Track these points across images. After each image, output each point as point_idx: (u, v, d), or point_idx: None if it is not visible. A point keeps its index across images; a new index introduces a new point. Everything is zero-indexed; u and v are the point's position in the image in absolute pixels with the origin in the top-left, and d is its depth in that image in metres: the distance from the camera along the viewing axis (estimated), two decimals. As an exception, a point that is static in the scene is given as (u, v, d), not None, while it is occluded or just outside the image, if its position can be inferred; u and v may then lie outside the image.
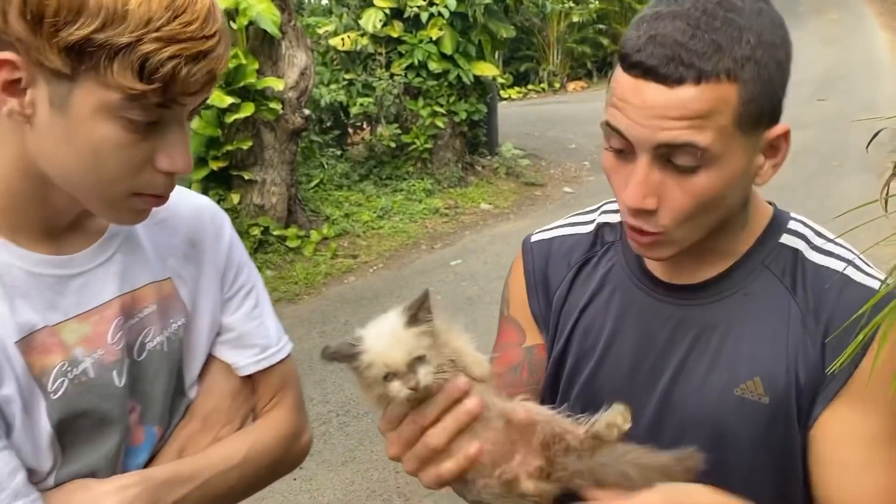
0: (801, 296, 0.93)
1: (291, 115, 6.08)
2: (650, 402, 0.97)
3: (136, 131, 0.77)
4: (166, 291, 0.95)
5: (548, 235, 1.11)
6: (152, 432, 0.93)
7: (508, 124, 9.52)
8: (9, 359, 0.80)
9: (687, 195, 0.85)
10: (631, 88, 0.83)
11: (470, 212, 7.44)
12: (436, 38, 7.54)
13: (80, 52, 0.72)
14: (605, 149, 0.91)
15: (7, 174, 0.82)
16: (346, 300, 5.45)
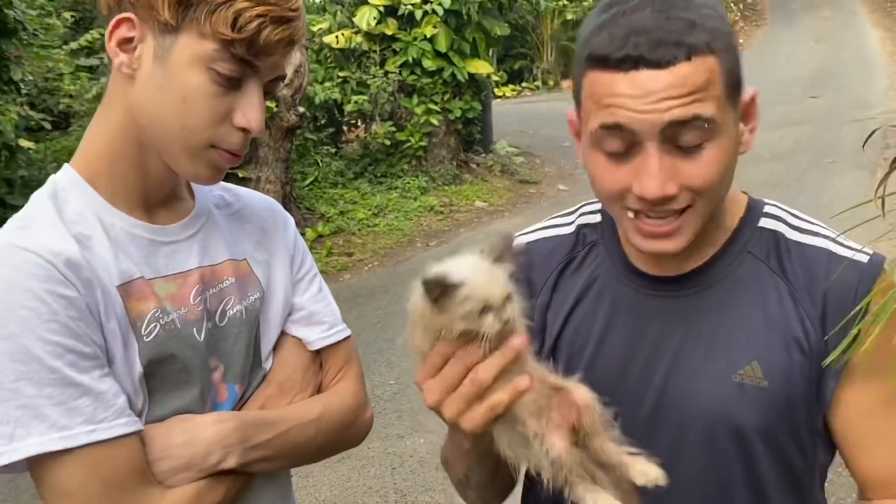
0: (791, 274, 0.94)
1: (286, 112, 6.09)
2: (646, 397, 0.97)
3: (222, 84, 0.90)
4: (243, 270, 1.07)
5: (528, 238, 1.11)
6: (234, 390, 1.03)
7: (503, 122, 9.55)
8: (112, 299, 0.91)
9: (702, 168, 0.86)
10: (625, 83, 0.84)
11: (465, 209, 7.46)
12: (430, 35, 7.56)
13: (187, 5, 0.88)
14: (597, 157, 0.91)
15: (111, 137, 0.95)
16: (341, 298, 5.44)
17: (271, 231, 1.13)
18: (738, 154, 0.92)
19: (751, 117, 0.93)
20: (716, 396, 0.93)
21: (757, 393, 0.92)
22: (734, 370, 0.93)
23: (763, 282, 0.95)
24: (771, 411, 0.92)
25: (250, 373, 1.05)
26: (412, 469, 3.51)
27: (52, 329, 0.83)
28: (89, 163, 0.96)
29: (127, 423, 0.88)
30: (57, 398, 0.84)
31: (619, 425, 0.94)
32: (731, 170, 0.91)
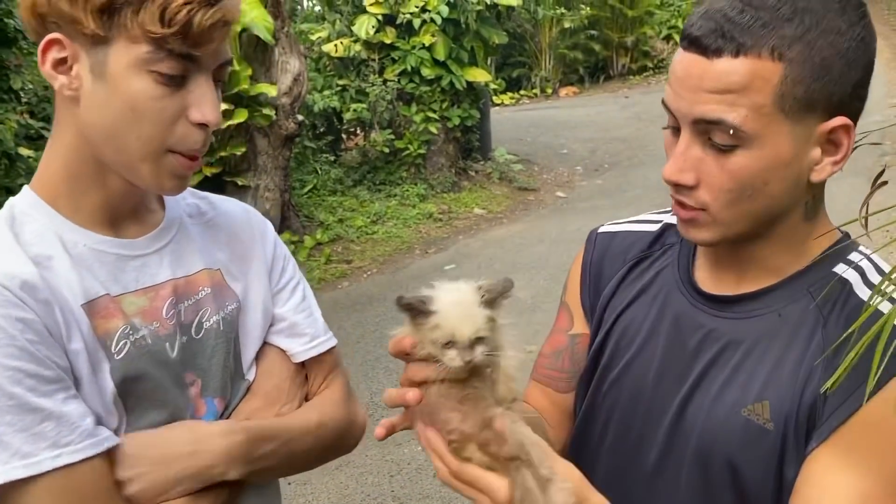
0: (832, 327, 0.88)
1: (285, 120, 6.10)
2: (670, 409, 0.97)
3: (167, 84, 0.87)
4: (217, 279, 1.04)
5: (614, 229, 1.12)
6: (213, 404, 1.01)
7: (501, 130, 9.57)
8: (76, 318, 0.89)
9: (724, 173, 0.84)
10: (678, 61, 0.86)
11: (463, 216, 7.47)
12: (428, 44, 7.58)
13: (111, 12, 0.84)
14: (663, 128, 0.92)
15: (67, 158, 0.93)
16: (340, 305, 5.46)
17: (247, 239, 1.10)
18: (791, 177, 0.85)
19: (838, 148, 0.86)
20: (721, 425, 0.91)
21: (760, 433, 0.89)
22: (744, 404, 0.90)
23: (809, 329, 0.90)
24: (768, 454, 0.89)
25: (231, 386, 1.02)
26: (410, 477, 3.51)
27: (9, 354, 0.81)
28: (48, 185, 0.94)
29: (94, 443, 0.85)
30: (18, 425, 0.81)
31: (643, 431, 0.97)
32: (770, 188, 0.85)
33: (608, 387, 1.04)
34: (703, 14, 0.83)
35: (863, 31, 0.84)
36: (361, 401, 4.85)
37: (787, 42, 0.80)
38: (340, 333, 4.96)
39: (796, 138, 0.84)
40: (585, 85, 13.36)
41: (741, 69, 0.80)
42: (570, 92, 13.21)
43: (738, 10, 0.81)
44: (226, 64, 0.93)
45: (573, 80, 13.44)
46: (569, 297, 1.14)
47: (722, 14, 0.82)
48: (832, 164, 0.87)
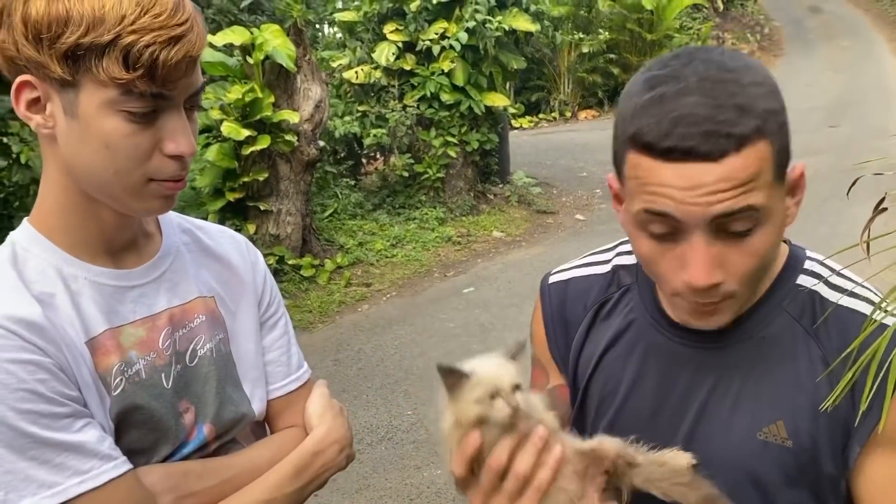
0: (825, 338, 0.92)
1: (306, 146, 6.20)
2: (673, 446, 0.96)
3: (138, 121, 0.88)
4: (211, 307, 1.06)
5: (564, 277, 1.12)
6: (202, 431, 1.02)
7: (520, 153, 9.61)
8: (81, 355, 0.91)
9: (749, 257, 0.85)
10: (673, 174, 0.82)
11: (482, 240, 7.49)
12: (447, 70, 7.67)
13: (75, 58, 0.85)
14: (641, 237, 0.90)
15: (57, 194, 0.94)
16: (359, 328, 5.49)
17: (240, 269, 1.12)
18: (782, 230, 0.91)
19: (798, 191, 0.91)
20: (739, 451, 0.93)
21: (780, 452, 0.91)
22: (759, 427, 0.92)
23: (795, 342, 0.93)
24: (794, 470, 0.91)
25: (221, 413, 1.03)
26: (429, 500, 3.50)
27: (22, 398, 0.84)
28: (44, 218, 0.95)
29: (115, 465, 0.89)
30: (40, 458, 0.85)
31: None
32: (777, 249, 0.91)
33: (603, 432, 1.04)
34: (676, 120, 0.81)
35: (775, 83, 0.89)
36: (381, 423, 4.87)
37: (763, 118, 0.82)
38: (360, 356, 4.99)
39: (783, 197, 0.88)
40: (605, 108, 13.39)
41: (749, 160, 0.81)
42: (590, 115, 13.25)
43: (713, 107, 0.81)
44: (198, 92, 0.93)
45: (592, 104, 13.48)
46: (538, 351, 1.14)
47: (701, 116, 0.81)
48: (796, 206, 0.92)
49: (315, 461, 1.06)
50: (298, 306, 5.79)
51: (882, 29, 15.62)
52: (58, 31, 0.84)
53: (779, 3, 18.47)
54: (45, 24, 0.84)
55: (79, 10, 0.84)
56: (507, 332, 5.11)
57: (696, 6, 14.73)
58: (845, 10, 17.50)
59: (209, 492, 0.98)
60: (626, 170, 0.88)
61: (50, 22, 0.84)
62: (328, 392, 1.15)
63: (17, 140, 4.73)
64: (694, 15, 15.11)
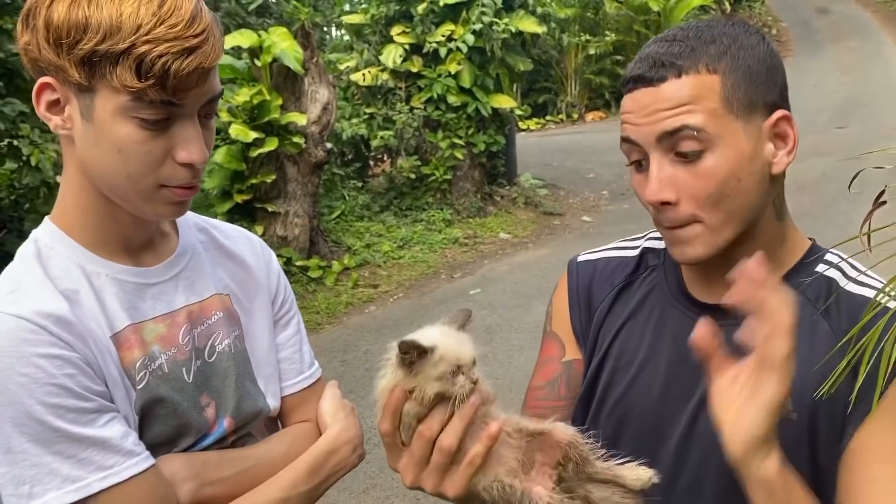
0: (835, 319, 0.95)
1: (314, 148, 6.23)
2: (681, 420, 0.99)
3: (151, 128, 0.89)
4: (227, 304, 1.08)
5: (594, 257, 1.17)
6: (222, 424, 1.04)
7: (527, 155, 9.62)
8: (108, 350, 0.94)
9: (700, 179, 0.92)
10: (628, 100, 0.96)
11: (489, 241, 7.51)
12: (454, 72, 7.70)
13: (91, 64, 0.86)
14: (631, 172, 0.99)
15: (76, 194, 0.97)
16: (366, 329, 5.51)
17: (254, 268, 1.14)
18: (757, 172, 0.94)
19: (786, 139, 0.97)
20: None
21: (784, 424, 0.91)
22: None
23: (810, 323, 0.96)
24: (795, 444, 0.92)
25: (240, 407, 1.05)
26: (435, 500, 3.51)
27: (50, 392, 0.86)
28: (64, 216, 0.97)
29: (138, 462, 0.90)
30: (66, 453, 0.87)
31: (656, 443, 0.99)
32: (743, 184, 0.93)
33: (612, 407, 1.06)
34: (638, 59, 0.96)
35: (769, 47, 0.99)
36: (388, 424, 4.77)
37: (715, 58, 0.93)
38: (367, 357, 5.00)
39: (750, 135, 0.94)
40: (612, 109, 13.40)
41: (687, 84, 0.92)
42: (597, 117, 13.26)
43: (668, 46, 0.95)
44: (213, 99, 0.94)
45: (599, 105, 13.50)
46: (556, 326, 1.16)
47: (654, 52, 0.95)
48: (786, 155, 0.97)
49: (329, 460, 1.08)
50: (306, 307, 5.81)
51: (890, 30, 15.56)
52: (76, 37, 0.86)
53: (787, 4, 18.42)
54: (64, 30, 0.86)
55: (97, 17, 0.85)
56: (513, 334, 5.12)
57: (703, 7, 14.70)
58: (854, 11, 17.44)
59: (228, 481, 1.00)
60: None
61: (70, 27, 0.86)
62: (340, 392, 1.17)
63: (27, 142, 4.77)
64: (701, 16, 15.08)
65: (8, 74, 4.72)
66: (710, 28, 0.97)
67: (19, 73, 4.75)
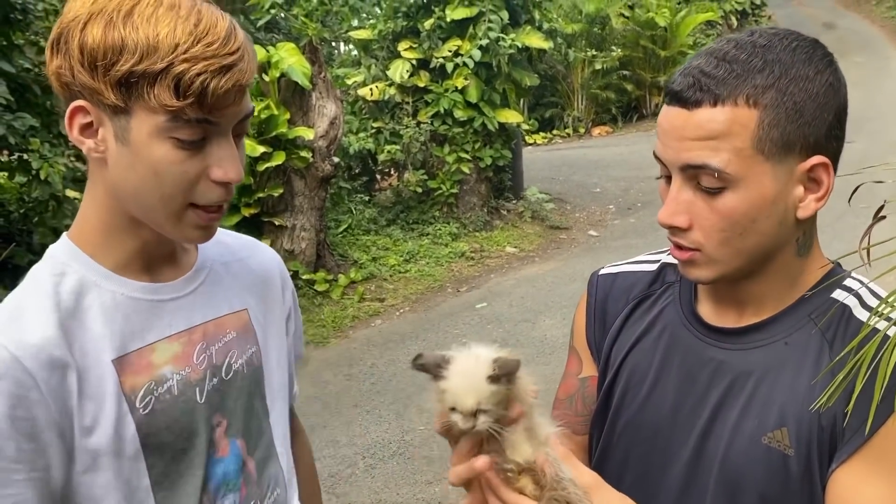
0: (838, 349, 0.92)
1: (321, 162, 6.26)
2: (689, 443, 0.99)
3: (187, 148, 0.89)
4: (244, 320, 1.07)
5: (614, 270, 1.16)
6: (236, 445, 1.04)
7: (534, 169, 9.64)
8: (101, 376, 0.91)
9: (715, 214, 0.90)
10: (663, 115, 0.92)
11: (495, 255, 7.51)
12: (461, 87, 7.73)
13: (128, 85, 0.86)
14: (656, 178, 0.98)
15: (101, 213, 0.96)
16: (373, 343, 5.51)
17: (271, 286, 1.14)
18: (778, 215, 0.91)
19: (819, 185, 0.92)
20: (743, 455, 0.94)
21: (781, 460, 0.92)
22: (764, 432, 0.93)
23: (816, 353, 0.94)
24: (790, 479, 0.91)
25: (248, 426, 1.05)
26: (441, 515, 3.50)
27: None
28: (85, 235, 0.97)
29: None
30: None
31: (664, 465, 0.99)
32: (759, 226, 0.90)
33: (624, 426, 1.06)
34: (682, 71, 0.91)
35: (831, 77, 0.91)
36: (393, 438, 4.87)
37: (759, 90, 0.87)
38: (373, 371, 5.00)
39: (778, 178, 0.90)
40: (618, 124, 13.41)
41: (720, 117, 0.87)
42: (603, 131, 13.27)
43: (714, 65, 0.89)
44: (246, 117, 0.94)
45: (606, 120, 13.51)
46: (576, 341, 1.16)
47: (699, 69, 0.89)
48: (815, 201, 0.93)
49: None
50: (312, 321, 5.81)
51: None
52: (113, 59, 0.85)
53: (793, 20, 18.44)
54: (100, 52, 0.85)
55: (134, 38, 0.85)
56: (520, 348, 5.10)
57: (710, 23, 14.75)
58: (860, 26, 17.45)
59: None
60: None
61: (106, 50, 0.85)
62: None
63: (37, 157, 4.82)
64: (708, 32, 15.12)
65: (19, 89, 4.77)
66: (768, 50, 0.89)
67: (30, 87, 4.81)
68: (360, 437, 4.14)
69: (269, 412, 1.09)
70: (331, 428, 4.26)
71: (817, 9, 19.38)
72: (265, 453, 1.09)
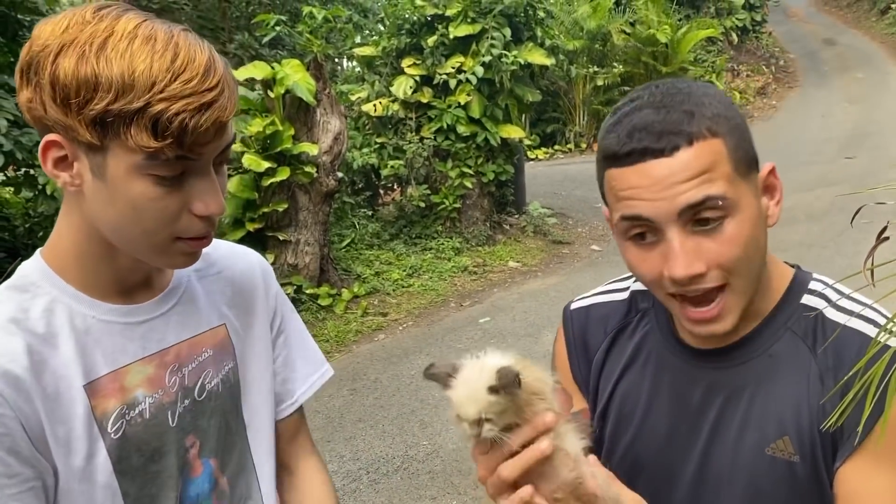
0: (821, 355, 0.95)
1: (325, 178, 6.30)
2: (690, 464, 1.00)
3: (166, 184, 0.86)
4: (220, 336, 1.05)
5: (586, 303, 1.16)
6: (209, 465, 1.03)
7: (536, 184, 9.68)
8: (70, 401, 0.89)
9: (726, 245, 0.89)
10: (635, 175, 0.89)
11: (498, 270, 7.53)
12: (464, 102, 7.79)
13: (103, 123, 0.82)
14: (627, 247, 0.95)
15: (76, 238, 0.93)
16: (375, 357, 5.52)
17: (252, 294, 1.11)
18: (764, 228, 0.95)
19: (774, 190, 0.97)
20: (750, 469, 0.96)
21: (787, 468, 0.94)
22: (766, 444, 0.95)
23: (799, 359, 0.96)
24: (800, 485, 0.94)
25: (223, 445, 1.04)
26: (445, 531, 3.49)
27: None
28: (58, 256, 0.94)
29: None
30: None
31: (669, 489, 0.99)
32: (759, 243, 0.94)
33: (622, 454, 1.07)
34: (632, 130, 0.90)
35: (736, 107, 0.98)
36: (396, 453, 4.86)
37: (713, 120, 0.91)
38: (376, 385, 5.01)
39: (754, 194, 0.94)
40: (619, 139, 13.43)
41: (701, 152, 0.89)
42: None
43: (663, 114, 0.90)
44: (227, 147, 0.90)
45: (607, 135, 13.54)
46: (561, 377, 1.15)
47: (653, 121, 0.90)
48: (775, 206, 0.98)
49: None
50: (315, 335, 5.78)
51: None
52: (87, 97, 0.81)
53: (793, 36, 18.55)
54: (73, 88, 0.81)
55: (108, 74, 0.81)
56: (522, 363, 5.10)
57: (711, 39, 14.84)
58: (860, 43, 17.55)
59: None
60: (605, 190, 0.96)
61: (79, 86, 0.81)
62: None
63: (43, 172, 4.86)
64: (708, 48, 15.22)
65: (27, 105, 4.82)
66: (685, 89, 0.93)
67: (38, 104, 4.87)
68: (363, 451, 4.15)
69: (246, 426, 1.08)
70: (334, 443, 4.27)
71: (817, 25, 19.51)
72: (238, 468, 1.08)
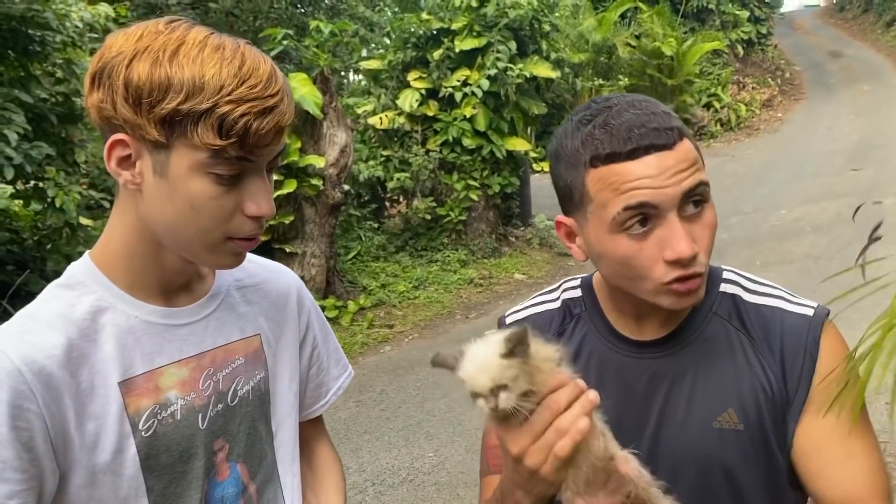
0: (752, 331, 1.06)
1: (331, 190, 6.33)
2: (640, 449, 1.03)
3: (224, 184, 0.91)
4: (254, 346, 1.10)
5: (521, 315, 1.22)
6: (236, 469, 1.06)
7: (542, 196, 9.69)
8: (104, 397, 0.93)
9: (707, 229, 1.00)
10: (642, 167, 0.97)
11: (504, 282, 7.53)
12: (470, 115, 7.82)
13: (171, 123, 0.88)
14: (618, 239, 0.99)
15: (127, 238, 0.98)
16: (382, 369, 5.52)
17: (286, 311, 1.16)
18: None
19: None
20: (700, 443, 1.04)
21: (735, 436, 1.03)
22: (713, 418, 1.04)
23: (730, 338, 1.07)
24: (749, 451, 1.02)
25: (250, 451, 1.07)
26: (450, 544, 3.47)
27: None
28: (107, 257, 0.98)
29: None
30: None
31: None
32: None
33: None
34: (630, 127, 0.98)
35: None
36: (402, 465, 4.86)
37: (678, 122, 1.02)
38: (382, 397, 5.00)
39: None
40: (625, 152, 13.45)
41: (689, 146, 1.00)
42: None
43: (652, 114, 1.01)
44: (280, 154, 0.97)
45: (613, 148, 13.56)
46: None
47: (647, 121, 0.99)
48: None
49: None
50: (321, 348, 5.81)
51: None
52: (158, 97, 0.87)
53: (799, 48, 18.59)
54: (146, 90, 0.87)
55: (180, 77, 0.87)
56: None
57: (716, 52, 14.89)
58: (866, 55, 17.57)
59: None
60: (591, 190, 1.01)
61: (152, 88, 0.87)
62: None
63: (52, 185, 4.90)
64: (714, 60, 15.27)
65: (36, 119, 4.87)
66: (641, 99, 1.04)
67: (46, 117, 4.91)
68: (369, 463, 4.14)
69: (273, 436, 1.11)
70: (340, 454, 4.26)
71: (823, 38, 19.55)
72: (266, 476, 1.10)
